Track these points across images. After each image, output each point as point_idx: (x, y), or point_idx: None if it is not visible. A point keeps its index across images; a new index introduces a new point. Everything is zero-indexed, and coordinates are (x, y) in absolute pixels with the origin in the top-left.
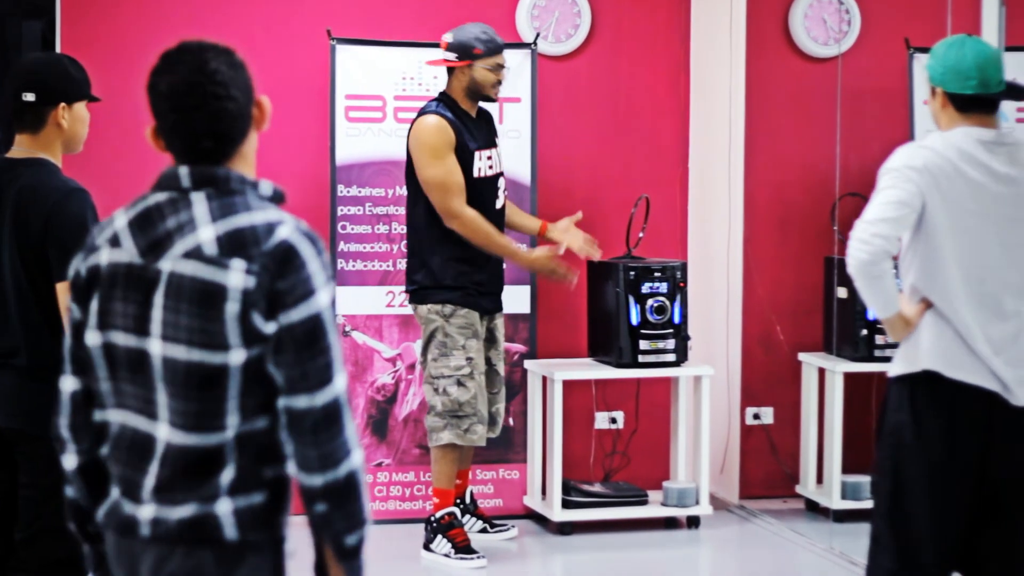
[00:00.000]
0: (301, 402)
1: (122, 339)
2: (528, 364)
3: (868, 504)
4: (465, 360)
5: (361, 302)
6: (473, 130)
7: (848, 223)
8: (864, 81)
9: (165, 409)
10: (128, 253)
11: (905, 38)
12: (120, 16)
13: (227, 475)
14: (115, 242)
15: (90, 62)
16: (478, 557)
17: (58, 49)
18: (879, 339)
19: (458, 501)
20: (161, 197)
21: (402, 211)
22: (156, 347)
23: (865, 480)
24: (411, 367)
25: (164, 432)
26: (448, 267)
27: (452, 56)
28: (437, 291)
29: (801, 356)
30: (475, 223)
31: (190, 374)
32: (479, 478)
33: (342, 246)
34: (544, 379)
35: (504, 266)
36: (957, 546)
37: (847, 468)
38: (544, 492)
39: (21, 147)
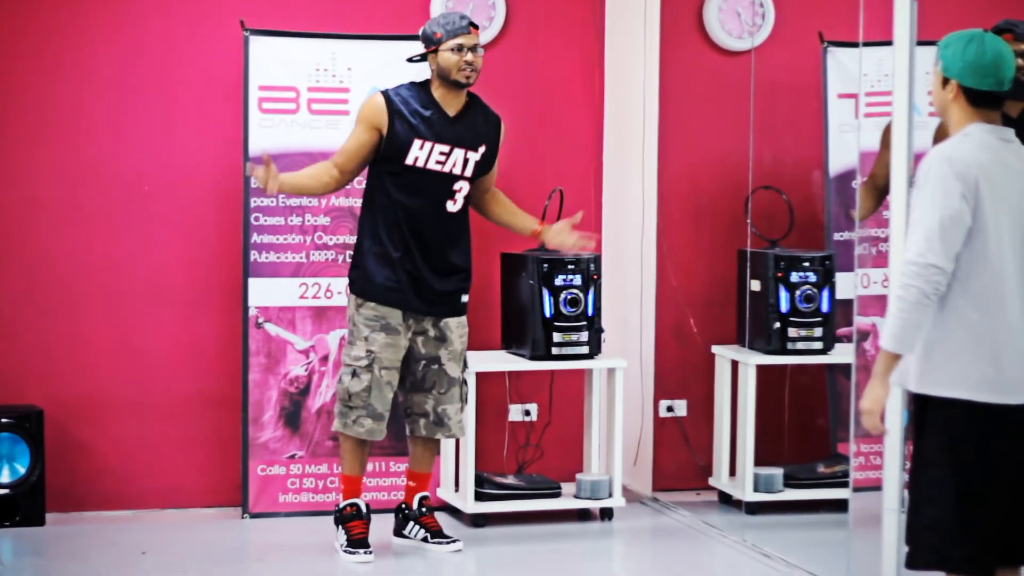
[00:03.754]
0: None
1: None
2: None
3: (780, 496)
4: (365, 352)
5: (274, 294)
6: (434, 120)
7: (761, 216)
8: (778, 75)
9: None
10: None
11: (819, 32)
12: (34, 5)
13: None
14: None
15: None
16: (364, 552)
17: None
18: (791, 332)
19: (404, 506)
20: None
21: (315, 203)
22: None
23: (777, 472)
24: (324, 359)
25: None
26: (367, 259)
27: (422, 48)
28: (357, 280)
29: (714, 348)
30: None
31: None
32: (391, 470)
33: (255, 237)
34: None
35: (452, 274)
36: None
37: (760, 460)
38: (457, 484)
39: None
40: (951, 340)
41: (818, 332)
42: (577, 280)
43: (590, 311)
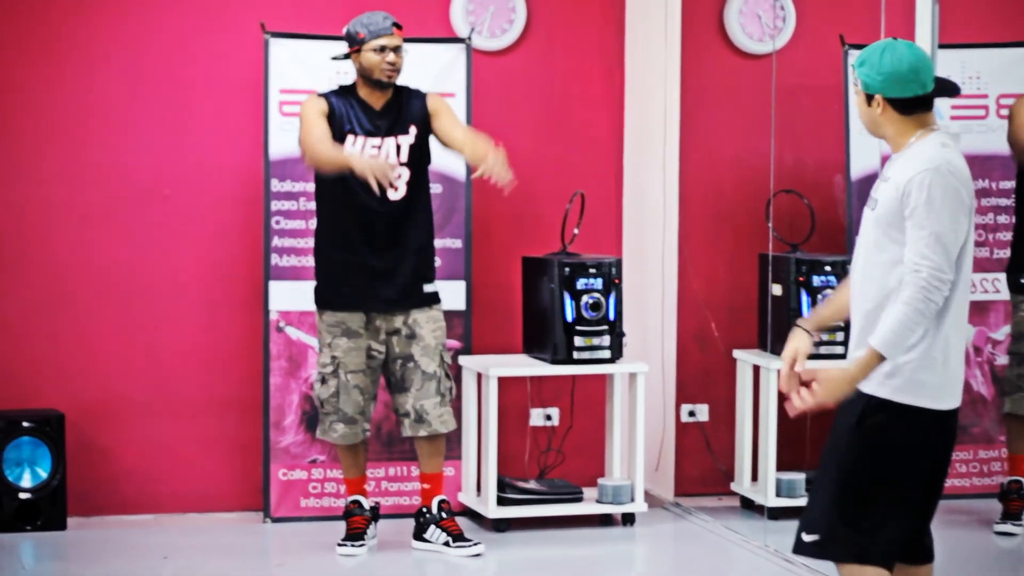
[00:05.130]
0: None
1: None
2: (463, 360)
3: (802, 501)
4: (330, 358)
5: (295, 297)
6: (362, 116)
7: (783, 219)
8: (799, 78)
9: None
10: None
11: (840, 35)
12: (52, 6)
13: None
14: None
15: (16, 53)
16: (352, 545)
17: None
18: (814, 336)
19: (424, 510)
20: None
21: None
22: None
23: (800, 478)
24: None
25: None
26: (321, 266)
27: (346, 47)
28: (316, 288)
29: (736, 353)
30: (309, 148)
31: None
32: (413, 475)
33: (276, 241)
34: (479, 375)
35: (405, 264)
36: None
37: (782, 466)
38: (479, 489)
39: None
40: (923, 349)
41: (839, 336)
42: (598, 284)
43: (611, 315)
